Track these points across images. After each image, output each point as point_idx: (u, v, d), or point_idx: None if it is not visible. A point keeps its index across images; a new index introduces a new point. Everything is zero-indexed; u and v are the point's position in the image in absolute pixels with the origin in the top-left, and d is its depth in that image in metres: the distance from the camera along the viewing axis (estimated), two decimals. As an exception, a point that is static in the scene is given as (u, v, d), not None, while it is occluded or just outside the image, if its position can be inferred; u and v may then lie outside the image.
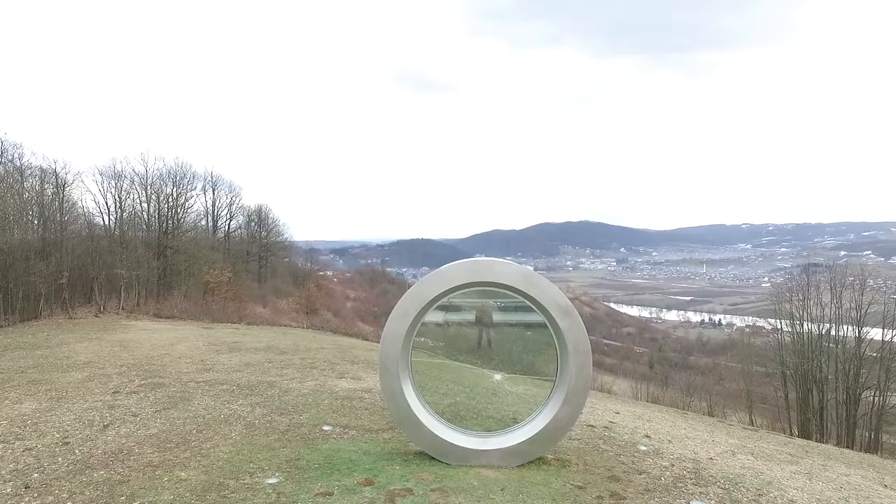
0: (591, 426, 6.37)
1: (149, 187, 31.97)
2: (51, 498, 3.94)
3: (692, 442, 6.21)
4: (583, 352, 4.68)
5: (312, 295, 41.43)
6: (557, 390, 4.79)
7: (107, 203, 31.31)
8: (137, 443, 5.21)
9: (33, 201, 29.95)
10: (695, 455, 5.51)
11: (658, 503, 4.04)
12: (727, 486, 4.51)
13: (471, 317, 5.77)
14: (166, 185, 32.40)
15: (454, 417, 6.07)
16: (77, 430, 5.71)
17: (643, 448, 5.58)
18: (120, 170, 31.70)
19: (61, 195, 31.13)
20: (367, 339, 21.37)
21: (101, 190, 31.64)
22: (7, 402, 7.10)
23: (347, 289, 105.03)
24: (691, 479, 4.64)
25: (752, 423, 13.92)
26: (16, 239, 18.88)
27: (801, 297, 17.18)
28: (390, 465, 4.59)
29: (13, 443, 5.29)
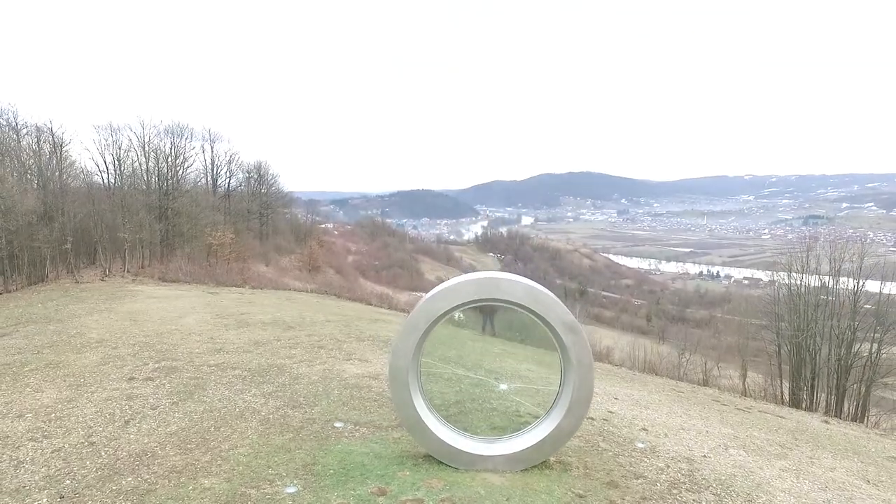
0: (591, 418, 6.64)
1: (146, 145, 31.67)
2: (85, 510, 4.20)
3: (687, 435, 6.49)
4: (586, 365, 4.85)
5: (314, 252, 41.72)
6: (561, 400, 4.99)
7: (105, 162, 31.09)
8: (159, 443, 5.47)
9: (31, 160, 29.75)
10: (689, 453, 5.79)
11: (653, 514, 4.31)
12: (719, 492, 4.79)
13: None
14: (164, 143, 32.07)
15: (459, 412, 6.35)
16: (100, 425, 5.97)
17: (640, 445, 5.86)
18: (117, 127, 31.30)
19: (59, 154, 30.91)
20: (370, 304, 21.71)
21: (99, 148, 31.33)
22: (28, 389, 7.37)
23: (348, 242, 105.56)
24: (685, 483, 4.91)
25: (745, 392, 14.38)
26: (17, 205, 18.87)
27: (801, 251, 17.38)
28: (401, 471, 4.85)
29: (41, 441, 5.55)
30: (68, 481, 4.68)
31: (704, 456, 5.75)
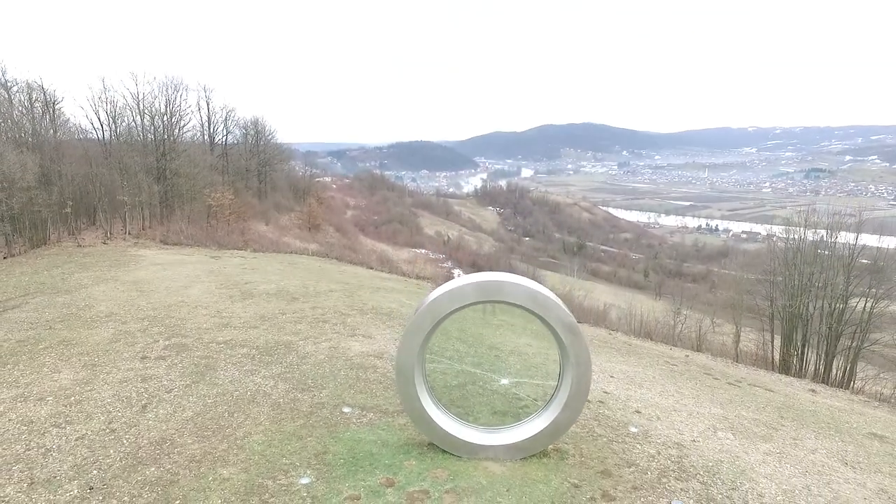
0: (587, 401, 6.94)
1: (140, 102, 31.10)
2: (114, 502, 4.50)
3: (678, 417, 6.82)
4: (583, 364, 5.07)
5: (314, 210, 41.69)
6: (559, 395, 5.25)
7: (99, 119, 30.63)
8: (177, 430, 5.76)
9: (24, 119, 29.34)
10: (679, 437, 6.12)
11: (644, 504, 4.64)
12: (705, 480, 5.11)
13: None
14: (159, 101, 31.47)
15: (461, 397, 6.64)
16: (118, 410, 6.26)
17: (633, 430, 6.18)
18: (110, 84, 30.66)
19: (52, 112, 30.43)
20: (371, 268, 21.96)
21: (93, 105, 30.79)
22: (45, 369, 7.65)
23: (347, 196, 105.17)
24: (674, 471, 5.23)
25: (737, 358, 14.82)
26: (19, 181, 18.75)
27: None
28: (407, 460, 5.16)
29: (65, 427, 5.84)
30: (95, 471, 4.98)
31: (694, 440, 6.08)
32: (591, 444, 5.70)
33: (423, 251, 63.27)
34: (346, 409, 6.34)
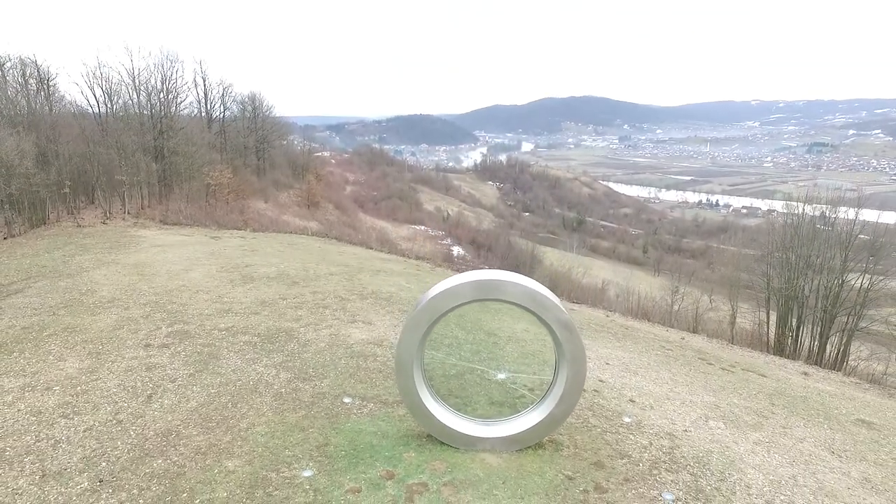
0: (583, 390, 7.10)
1: (136, 79, 30.70)
2: (124, 494, 4.66)
3: (671, 405, 6.99)
4: (578, 360, 5.19)
5: (313, 188, 41.55)
6: (554, 390, 5.38)
7: (95, 96, 30.30)
8: (182, 421, 5.92)
9: (19, 96, 29.04)
10: (672, 426, 6.29)
11: (635, 496, 4.81)
12: (695, 471, 5.29)
13: None
14: (154, 77, 31.06)
15: (460, 386, 6.79)
16: (124, 400, 6.41)
17: (627, 419, 6.34)
18: (104, 60, 30.26)
19: (47, 89, 30.10)
20: (370, 248, 22.03)
21: (88, 82, 30.43)
22: (51, 357, 7.79)
23: (346, 171, 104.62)
24: (665, 462, 5.40)
25: (732, 339, 15.02)
26: (18, 167, 18.63)
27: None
28: (407, 452, 5.32)
29: (73, 418, 6.00)
30: (104, 463, 5.13)
31: (685, 430, 6.25)
32: (585, 435, 5.87)
33: (423, 228, 63.28)
34: (346, 400, 6.49)
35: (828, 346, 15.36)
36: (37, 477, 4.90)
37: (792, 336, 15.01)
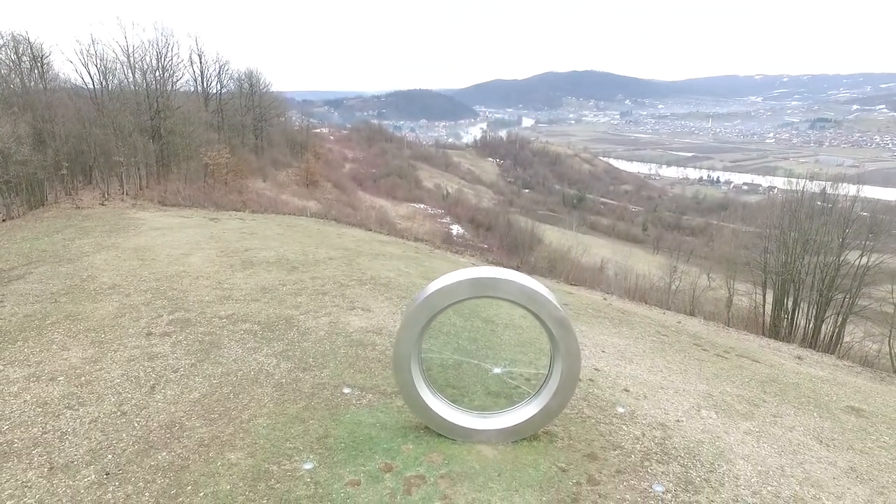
0: (578, 380, 7.23)
1: (131, 56, 30.29)
2: (130, 487, 4.81)
3: (665, 395, 7.13)
4: (573, 355, 5.28)
5: (311, 166, 41.32)
6: (549, 383, 5.49)
7: (90, 74, 29.93)
8: (185, 412, 6.04)
9: (12, 74, 28.70)
10: (664, 417, 6.43)
11: (626, 487, 4.96)
12: (685, 462, 5.43)
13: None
14: (149, 55, 30.62)
15: (456, 376, 6.91)
16: (128, 391, 6.53)
17: (621, 410, 6.48)
18: (98, 38, 29.79)
19: (41, 67, 29.73)
20: (370, 230, 22.05)
21: (82, 59, 30.03)
22: (54, 346, 7.89)
23: (345, 148, 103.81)
24: (657, 454, 5.55)
25: (728, 322, 15.18)
26: (15, 154, 18.49)
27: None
28: (405, 444, 5.46)
29: (78, 409, 6.12)
30: (110, 456, 5.27)
31: (678, 420, 6.39)
32: (579, 426, 6.00)
33: (423, 206, 63.13)
34: (346, 390, 6.61)
35: (822, 328, 15.53)
36: (45, 469, 5.04)
37: (787, 318, 15.16)
